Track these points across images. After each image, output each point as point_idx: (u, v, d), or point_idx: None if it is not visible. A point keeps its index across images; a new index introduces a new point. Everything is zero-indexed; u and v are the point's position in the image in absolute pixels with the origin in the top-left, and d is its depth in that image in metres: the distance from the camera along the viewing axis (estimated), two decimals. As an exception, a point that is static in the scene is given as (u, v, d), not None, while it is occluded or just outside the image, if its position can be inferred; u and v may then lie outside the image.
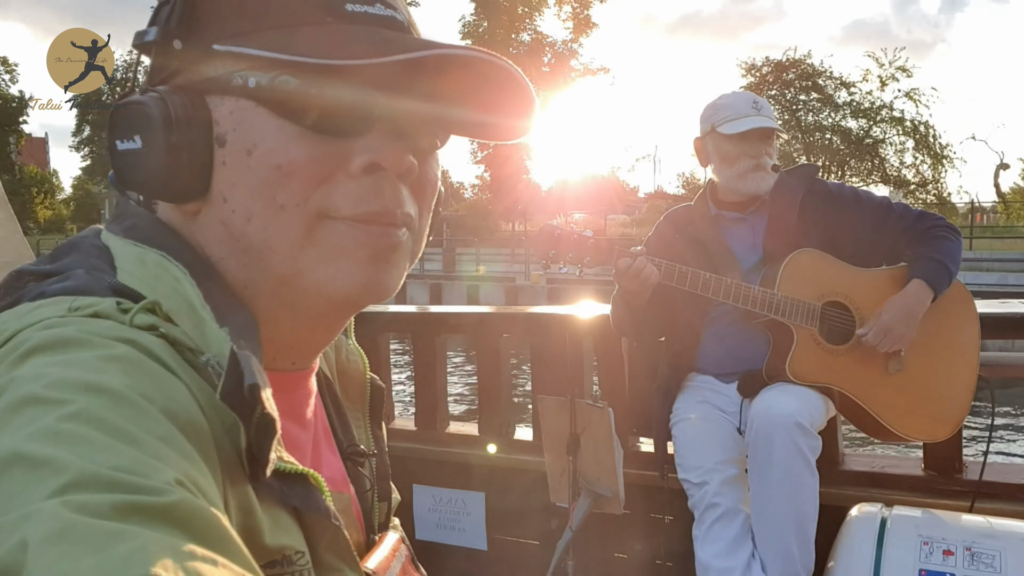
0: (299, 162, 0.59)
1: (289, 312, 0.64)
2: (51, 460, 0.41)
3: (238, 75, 0.59)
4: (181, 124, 0.60)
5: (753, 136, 2.51)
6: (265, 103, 0.59)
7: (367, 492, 0.79)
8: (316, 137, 0.60)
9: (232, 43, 0.59)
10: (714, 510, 2.33)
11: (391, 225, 0.62)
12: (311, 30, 0.59)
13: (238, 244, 0.62)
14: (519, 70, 0.61)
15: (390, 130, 0.62)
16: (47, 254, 0.65)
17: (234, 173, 0.61)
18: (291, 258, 0.61)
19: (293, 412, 0.68)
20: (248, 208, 0.61)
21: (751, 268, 2.52)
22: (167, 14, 0.62)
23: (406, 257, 0.66)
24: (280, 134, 0.59)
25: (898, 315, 2.37)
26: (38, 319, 0.54)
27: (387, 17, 0.62)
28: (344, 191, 0.61)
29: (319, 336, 0.70)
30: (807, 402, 2.33)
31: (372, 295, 0.64)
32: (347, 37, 0.59)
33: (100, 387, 0.47)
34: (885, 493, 2.59)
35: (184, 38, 0.62)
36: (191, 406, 0.52)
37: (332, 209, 0.61)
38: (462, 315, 3.58)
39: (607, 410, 2.43)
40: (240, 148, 0.60)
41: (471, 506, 3.19)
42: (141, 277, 0.60)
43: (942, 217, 2.57)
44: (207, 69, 0.62)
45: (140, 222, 0.64)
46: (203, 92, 0.61)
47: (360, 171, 0.61)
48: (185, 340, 0.57)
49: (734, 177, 2.54)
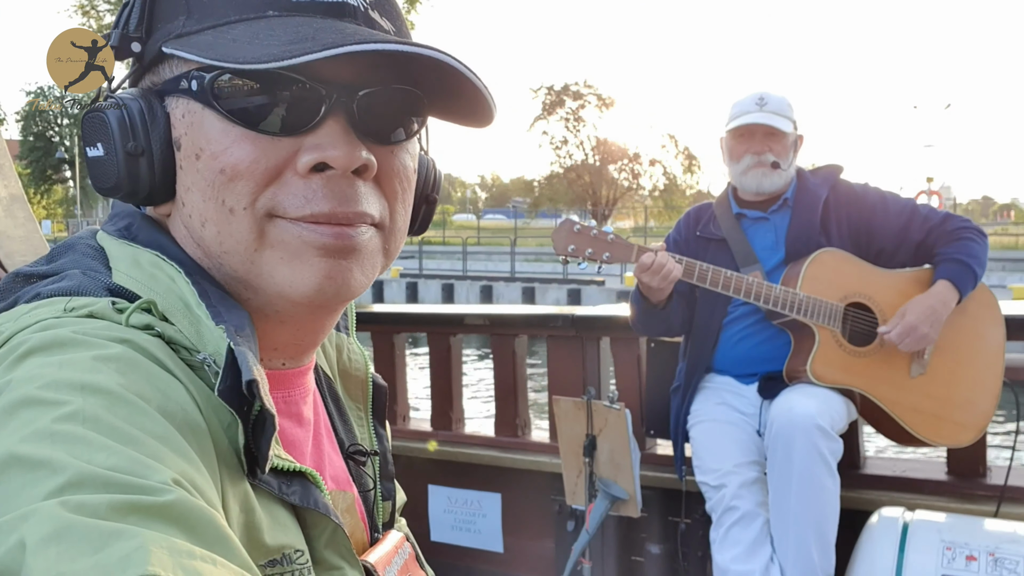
0: (242, 164, 0.58)
1: (263, 315, 0.63)
2: (48, 461, 0.42)
3: (184, 78, 0.59)
4: (137, 131, 0.60)
5: (756, 133, 2.51)
6: (209, 105, 0.58)
7: (370, 491, 0.79)
8: (260, 137, 0.58)
9: (175, 45, 0.59)
10: (732, 513, 2.31)
11: (346, 225, 0.60)
12: (245, 27, 0.58)
13: (199, 249, 0.62)
14: (445, 55, 0.58)
15: (341, 125, 0.59)
16: (43, 255, 0.65)
17: (188, 177, 0.60)
18: (248, 261, 0.60)
19: (289, 410, 0.68)
20: (202, 212, 0.60)
21: (773, 267, 2.50)
22: (126, 17, 0.62)
23: (373, 256, 0.63)
24: (223, 136, 0.58)
25: (922, 315, 2.33)
26: (34, 320, 0.54)
27: (337, 4, 0.60)
28: (293, 191, 0.59)
29: (303, 337, 0.69)
30: (828, 404, 2.30)
31: (333, 296, 0.62)
32: (270, 34, 0.57)
33: (96, 387, 0.47)
34: (907, 497, 2.55)
35: (142, 41, 0.62)
36: (188, 404, 0.52)
37: (281, 210, 0.59)
38: (478, 315, 3.56)
39: (624, 411, 2.41)
40: (191, 152, 0.60)
41: (487, 507, 3.17)
42: (136, 277, 0.60)
43: (968, 219, 2.54)
44: (163, 71, 0.62)
45: (134, 222, 0.64)
46: (163, 94, 0.61)
47: (307, 170, 0.59)
48: (181, 339, 0.56)
49: (738, 173, 2.56)
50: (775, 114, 2.51)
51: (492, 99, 0.62)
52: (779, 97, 2.55)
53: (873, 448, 3.20)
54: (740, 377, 2.55)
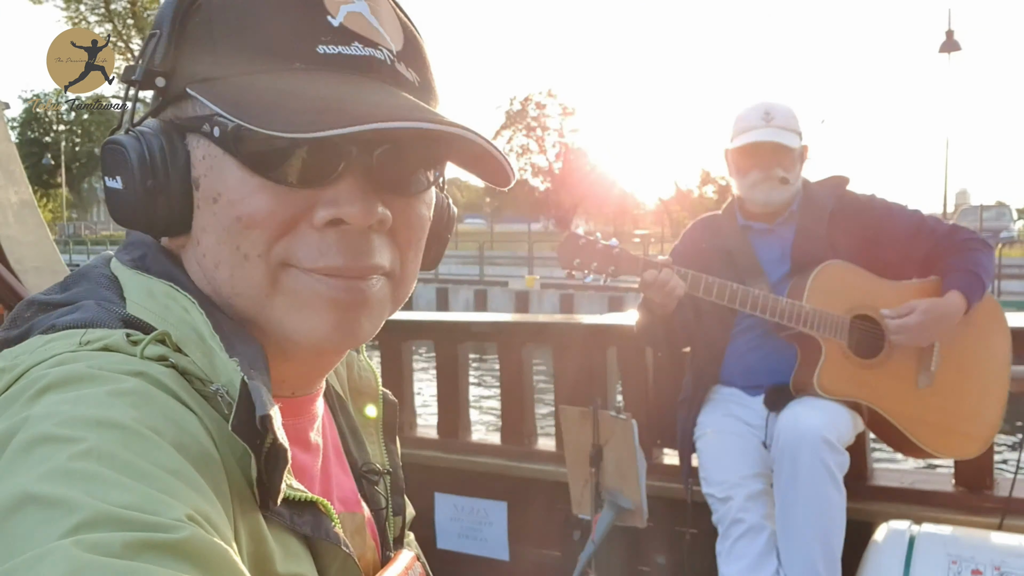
0: (259, 214, 0.58)
1: (270, 352, 0.63)
2: (63, 500, 0.42)
3: (208, 121, 0.59)
4: (157, 168, 0.60)
5: (763, 149, 2.49)
6: (230, 152, 0.59)
7: (382, 510, 0.80)
8: (278, 188, 0.59)
9: (199, 89, 0.59)
10: (738, 526, 2.31)
11: (357, 278, 0.61)
12: (271, 80, 0.58)
13: (211, 286, 0.62)
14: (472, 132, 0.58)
15: (359, 180, 0.59)
16: (57, 283, 0.65)
17: (204, 218, 0.61)
18: (259, 305, 0.61)
19: (297, 436, 0.68)
20: (216, 254, 0.61)
21: (779, 279, 2.50)
22: (151, 50, 0.62)
23: (382, 305, 0.64)
24: (242, 185, 0.59)
25: (929, 313, 2.34)
26: (51, 354, 0.54)
27: (364, 57, 0.60)
28: (307, 243, 0.60)
29: (310, 372, 0.70)
30: (834, 417, 2.29)
31: (341, 344, 0.63)
32: (297, 95, 0.56)
33: (110, 422, 0.48)
34: (914, 509, 2.54)
35: (167, 76, 0.62)
36: (202, 436, 0.53)
37: (295, 260, 0.60)
38: (485, 323, 3.57)
39: (630, 421, 2.42)
40: (208, 195, 0.60)
41: (493, 516, 3.17)
42: (150, 308, 0.61)
43: (974, 231, 2.54)
44: (186, 108, 0.62)
45: (148, 252, 0.65)
46: (185, 130, 0.61)
47: (323, 224, 0.59)
48: (195, 370, 0.57)
49: (746, 188, 2.55)
50: (782, 129, 2.49)
51: (512, 168, 0.62)
52: (784, 109, 2.53)
53: (880, 459, 3.19)
54: (746, 389, 2.55)
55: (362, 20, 0.61)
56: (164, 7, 0.63)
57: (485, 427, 7.26)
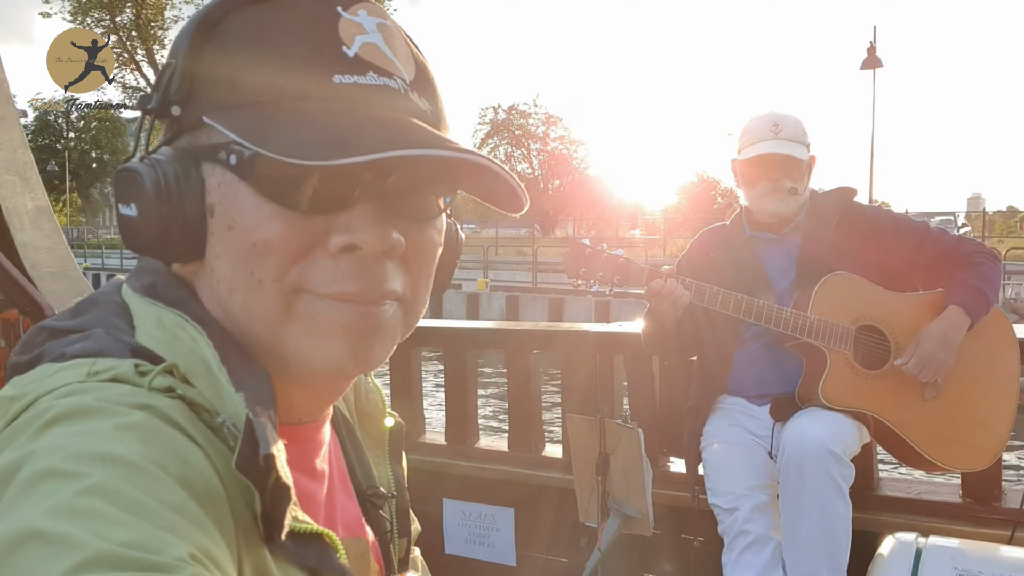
0: (275, 241, 0.59)
1: (282, 377, 0.64)
2: (66, 537, 0.43)
3: (224, 149, 0.60)
4: (172, 196, 0.60)
5: (772, 160, 2.50)
6: (246, 179, 0.59)
7: (387, 533, 0.80)
8: (294, 215, 0.59)
9: (216, 118, 0.59)
10: (744, 537, 2.31)
11: (371, 304, 0.62)
12: (288, 108, 0.59)
13: (224, 312, 0.63)
14: (488, 160, 0.59)
15: (374, 206, 0.60)
16: (67, 309, 0.66)
17: (219, 245, 0.61)
18: (272, 331, 0.61)
19: (303, 464, 0.69)
20: (230, 281, 0.61)
21: (785, 289, 2.50)
22: (167, 79, 0.63)
23: (394, 329, 0.65)
24: (257, 212, 0.59)
25: (936, 343, 2.33)
26: (59, 384, 0.55)
27: (379, 87, 0.61)
28: (322, 268, 0.60)
29: (320, 397, 0.70)
30: (840, 428, 2.30)
31: (355, 370, 0.63)
32: (314, 122, 0.57)
33: (116, 458, 0.48)
34: (921, 520, 2.54)
35: (182, 105, 0.62)
36: (207, 471, 0.53)
37: (309, 286, 0.60)
38: (494, 331, 3.59)
39: (637, 430, 2.42)
40: (223, 222, 0.61)
41: (500, 522, 3.19)
42: (159, 338, 0.61)
43: (981, 243, 2.53)
44: (202, 136, 0.62)
45: (159, 280, 0.65)
46: (200, 158, 0.62)
47: (337, 251, 0.60)
48: (202, 401, 0.58)
49: (755, 199, 2.56)
50: (791, 141, 2.50)
51: (525, 195, 0.63)
52: (793, 120, 2.54)
53: (887, 470, 3.18)
54: (752, 398, 2.55)
55: (376, 51, 0.62)
56: (179, 37, 0.64)
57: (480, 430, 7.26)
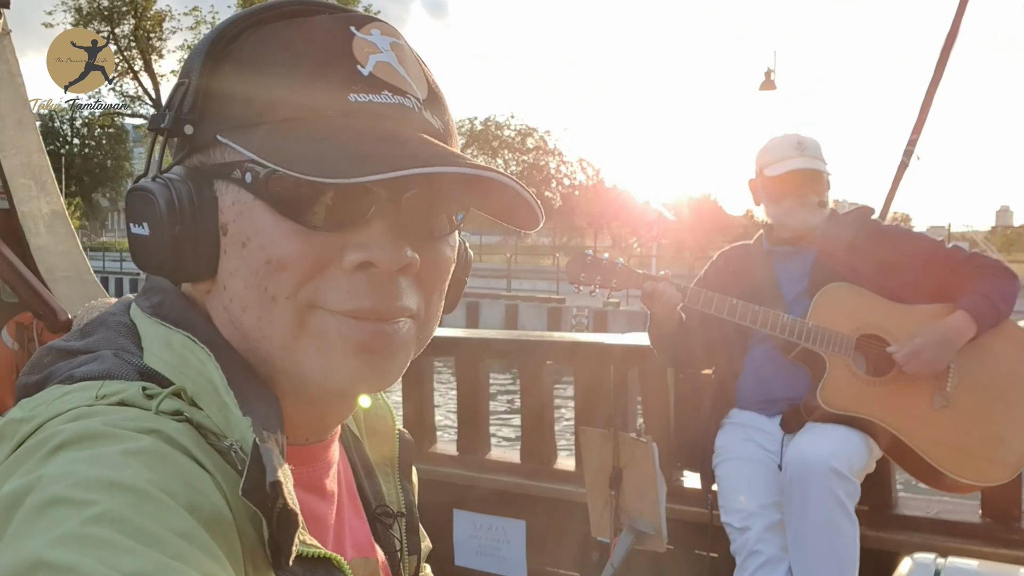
0: (289, 258, 0.59)
1: (292, 396, 0.63)
2: (74, 567, 0.42)
3: (238, 168, 0.59)
4: (185, 215, 0.60)
5: (797, 177, 2.56)
6: (261, 197, 0.59)
7: (396, 552, 0.79)
8: (309, 232, 0.59)
9: (231, 136, 0.59)
10: (756, 557, 2.29)
11: (385, 321, 0.61)
12: (303, 127, 0.58)
13: (237, 331, 0.62)
14: (507, 177, 0.59)
15: (389, 223, 0.60)
16: (76, 330, 0.66)
17: (232, 263, 0.61)
18: (285, 348, 0.61)
19: (312, 485, 0.68)
20: (243, 298, 0.61)
21: (795, 297, 2.54)
22: (180, 98, 0.63)
23: (407, 347, 0.64)
24: (273, 229, 0.59)
25: (931, 339, 2.35)
26: (67, 407, 0.55)
27: (394, 105, 0.61)
28: (336, 285, 0.60)
29: (329, 417, 0.69)
30: (844, 445, 2.29)
31: (369, 388, 0.63)
32: (329, 141, 0.57)
33: (124, 485, 0.48)
34: (940, 540, 2.50)
35: (195, 123, 0.62)
36: (215, 497, 0.53)
37: (323, 302, 0.60)
38: (506, 340, 3.57)
39: (651, 445, 2.40)
40: (237, 240, 0.60)
41: (511, 534, 3.16)
42: (167, 360, 0.61)
43: (997, 260, 2.54)
44: (214, 154, 0.62)
45: (167, 300, 0.65)
46: (213, 177, 0.62)
47: (352, 268, 0.59)
48: (210, 424, 0.57)
49: (781, 214, 2.61)
50: (815, 158, 2.58)
51: (541, 211, 0.62)
52: (813, 140, 2.63)
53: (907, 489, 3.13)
54: (763, 409, 2.54)
55: (390, 69, 0.62)
56: (192, 57, 0.64)
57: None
